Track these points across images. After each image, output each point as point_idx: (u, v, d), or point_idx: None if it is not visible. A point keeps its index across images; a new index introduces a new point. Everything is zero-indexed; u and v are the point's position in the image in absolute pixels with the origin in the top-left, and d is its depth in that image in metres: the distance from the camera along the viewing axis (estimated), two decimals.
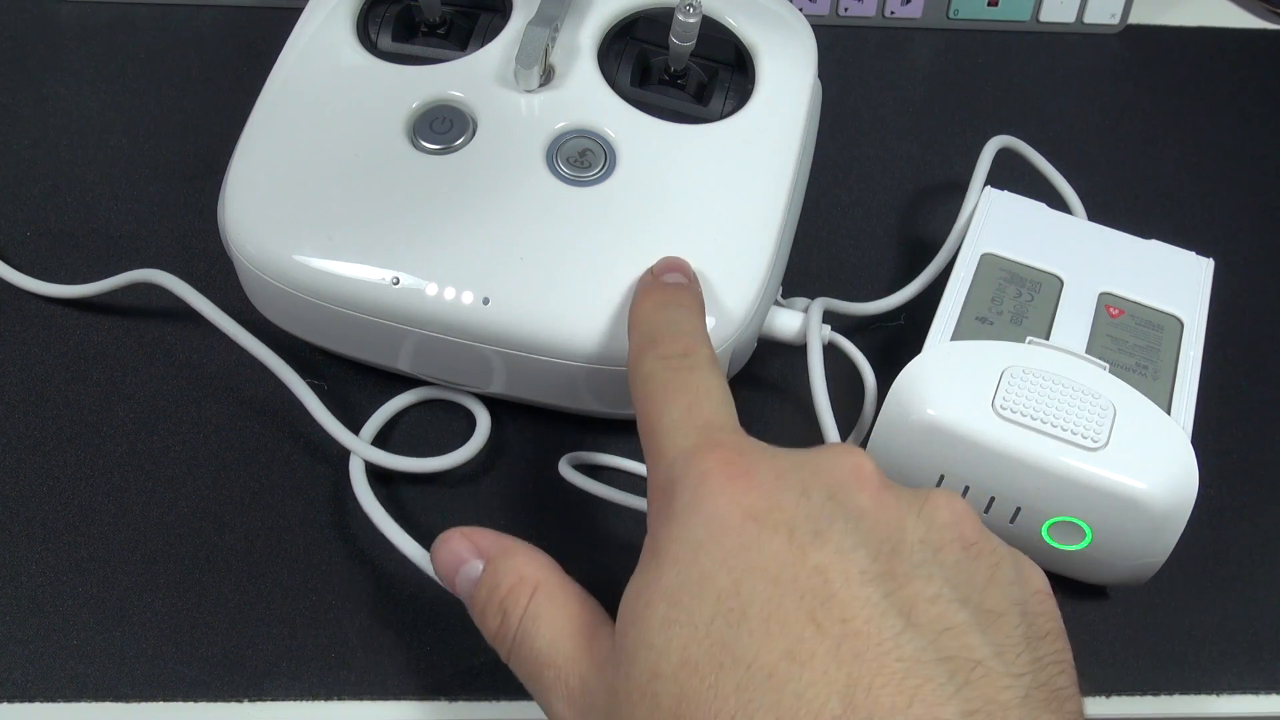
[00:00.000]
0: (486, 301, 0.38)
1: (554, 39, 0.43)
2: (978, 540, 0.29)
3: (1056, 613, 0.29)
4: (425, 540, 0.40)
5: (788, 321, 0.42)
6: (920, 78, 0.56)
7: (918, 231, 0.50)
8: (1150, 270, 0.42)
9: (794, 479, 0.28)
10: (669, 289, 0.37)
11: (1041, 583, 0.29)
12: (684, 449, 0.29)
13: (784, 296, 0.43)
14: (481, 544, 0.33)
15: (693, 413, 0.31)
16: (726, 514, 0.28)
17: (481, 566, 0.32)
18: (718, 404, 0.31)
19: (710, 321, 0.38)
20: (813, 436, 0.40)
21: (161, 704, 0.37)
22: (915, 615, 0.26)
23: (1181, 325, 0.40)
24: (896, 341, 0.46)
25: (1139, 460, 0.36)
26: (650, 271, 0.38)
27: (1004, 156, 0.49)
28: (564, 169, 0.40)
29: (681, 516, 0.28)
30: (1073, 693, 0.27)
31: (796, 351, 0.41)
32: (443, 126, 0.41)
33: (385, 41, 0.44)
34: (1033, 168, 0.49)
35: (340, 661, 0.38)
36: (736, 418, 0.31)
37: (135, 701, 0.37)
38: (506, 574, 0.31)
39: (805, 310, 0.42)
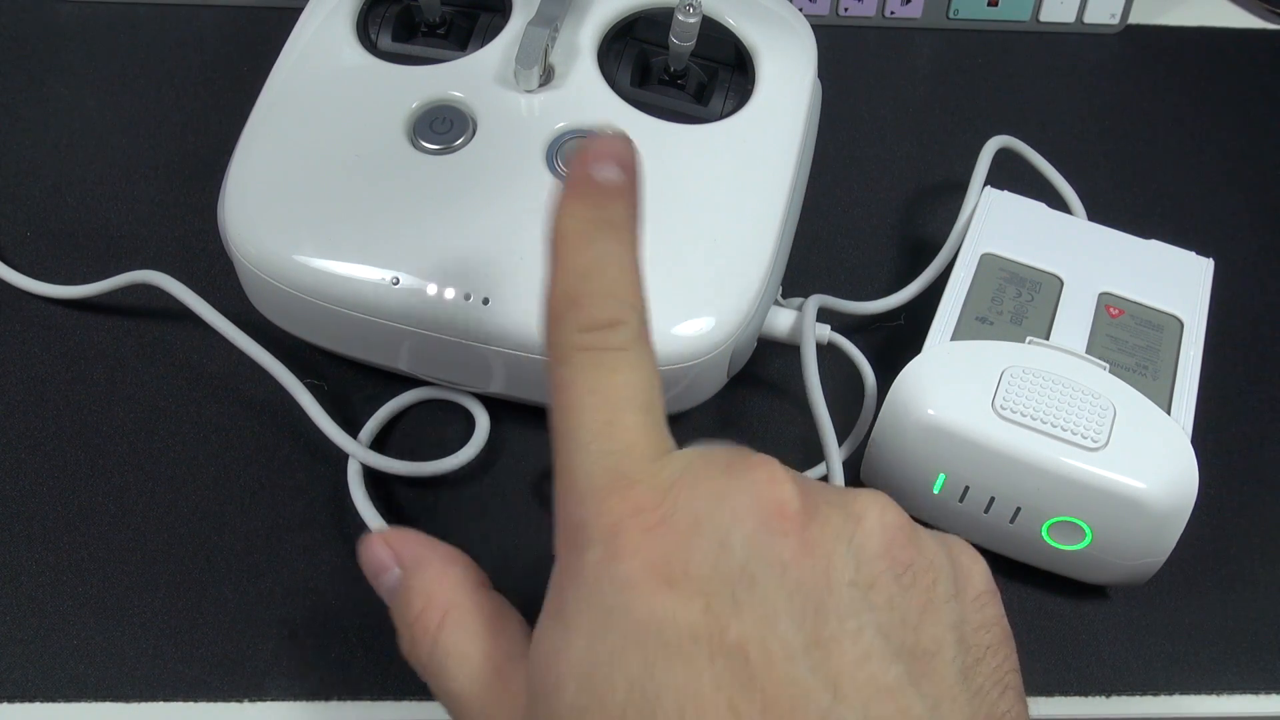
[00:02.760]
0: (486, 301, 0.38)
1: (554, 39, 0.43)
2: (911, 561, 0.26)
3: (998, 614, 0.27)
4: None
5: (786, 320, 0.42)
6: (920, 78, 0.56)
7: (918, 231, 0.50)
8: (1150, 270, 0.42)
9: (712, 526, 0.25)
10: (599, 198, 0.28)
11: (982, 581, 0.27)
12: (596, 487, 0.26)
13: (784, 296, 0.43)
14: (399, 550, 0.30)
15: (612, 432, 0.26)
16: (638, 579, 0.24)
17: (398, 575, 0.30)
18: (642, 416, 0.27)
19: (710, 322, 0.38)
20: (811, 435, 0.40)
21: (161, 704, 0.37)
22: (844, 685, 0.24)
23: (1181, 325, 0.40)
24: (896, 341, 0.46)
25: (1139, 460, 0.36)
26: (583, 151, 0.28)
27: (1004, 156, 0.49)
28: (564, 169, 0.40)
29: (591, 576, 0.25)
30: (1017, 710, 0.26)
31: (797, 351, 0.41)
32: (443, 126, 0.41)
33: (385, 41, 0.44)
34: (1033, 168, 0.49)
35: (340, 661, 0.38)
36: (664, 424, 0.27)
37: (135, 701, 0.37)
38: (416, 593, 0.29)
39: (799, 309, 0.42)
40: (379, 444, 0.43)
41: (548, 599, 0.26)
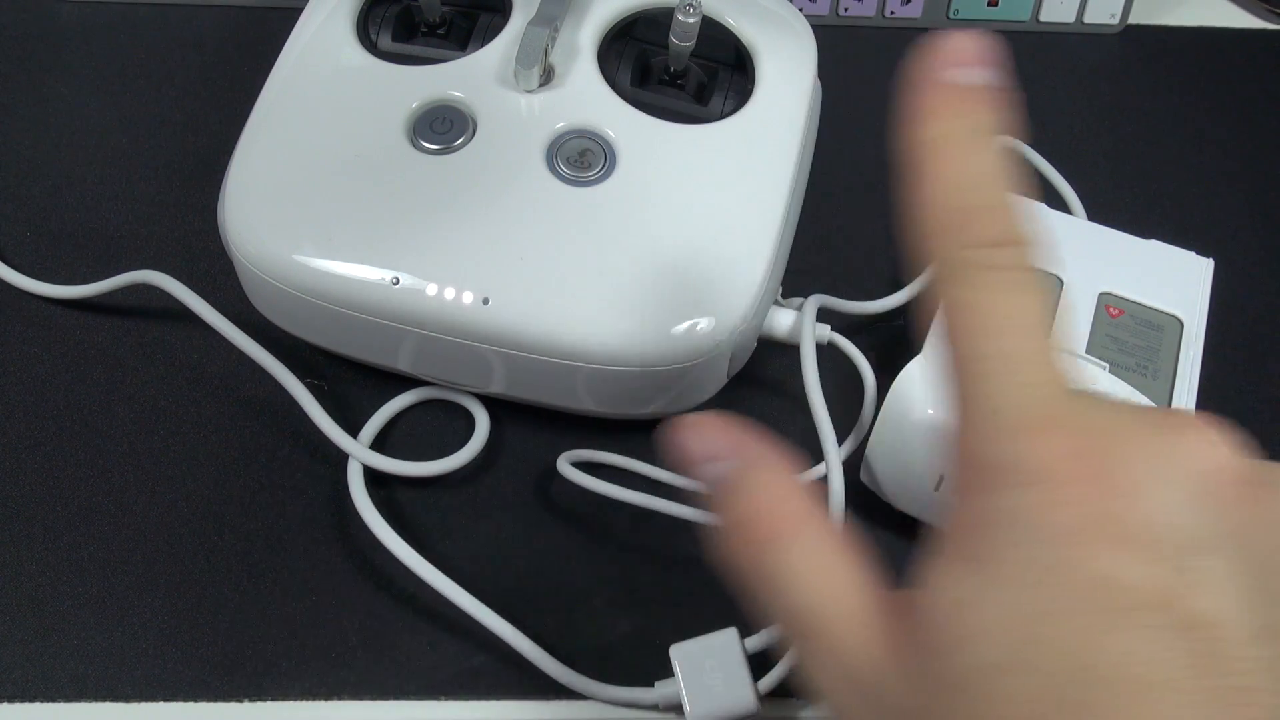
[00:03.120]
0: (486, 301, 0.38)
1: (554, 39, 0.43)
2: None
3: None
4: (424, 544, 0.41)
5: (786, 320, 0.42)
6: None
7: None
8: (1150, 270, 0.42)
9: (1161, 485, 0.22)
10: (970, 104, 0.26)
11: None
12: (1022, 423, 0.23)
13: (784, 296, 0.43)
14: (739, 442, 0.26)
15: (1033, 361, 0.23)
16: (1085, 531, 0.21)
17: (731, 469, 0.26)
18: (1053, 346, 0.24)
19: (710, 322, 0.38)
20: (811, 435, 0.40)
21: (161, 704, 0.37)
22: None
23: (1181, 325, 0.40)
24: (896, 341, 0.46)
25: None
26: (943, 52, 0.26)
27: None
28: (564, 169, 0.40)
29: (1021, 523, 0.22)
30: None
31: (797, 351, 0.41)
32: (443, 126, 0.41)
33: (385, 41, 0.44)
34: (1033, 168, 0.49)
35: (340, 661, 0.38)
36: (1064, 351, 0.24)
37: (135, 701, 0.37)
38: (757, 492, 0.25)
39: (799, 309, 0.42)
40: (379, 444, 0.43)
41: (950, 542, 0.23)
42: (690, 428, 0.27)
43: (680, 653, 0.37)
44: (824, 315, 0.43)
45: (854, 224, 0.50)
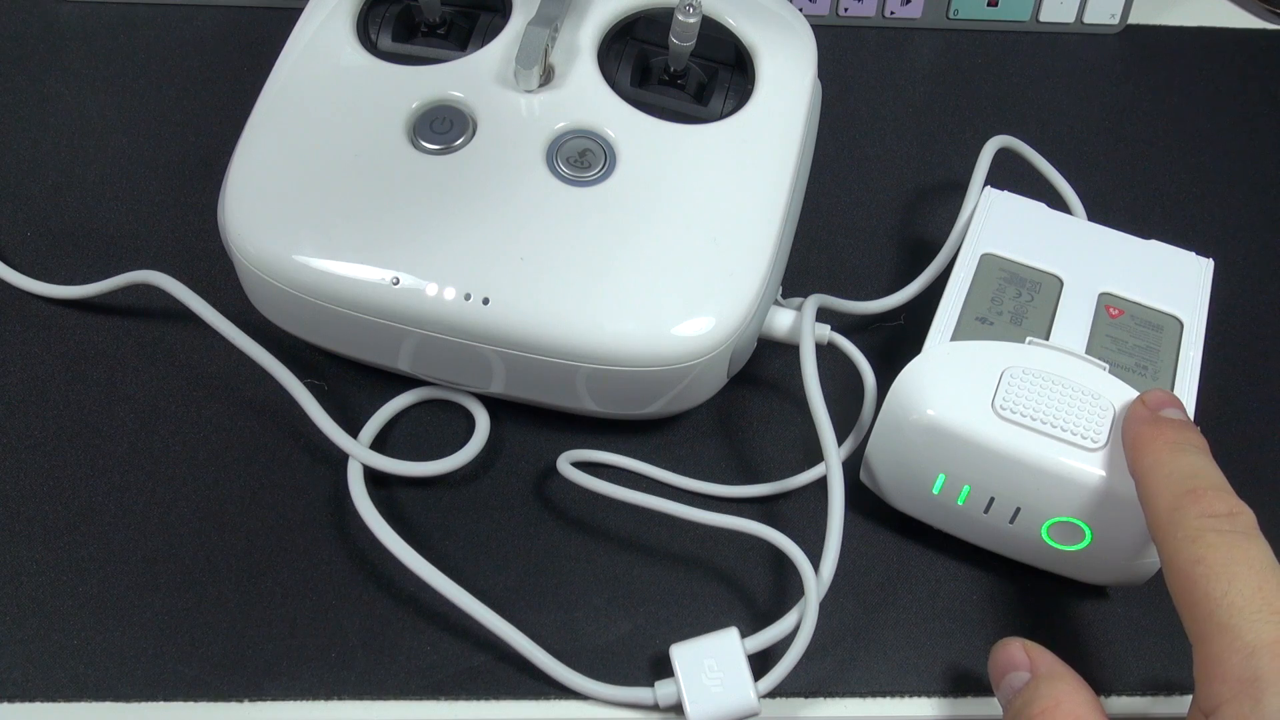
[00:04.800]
0: (486, 301, 0.38)
1: (554, 39, 0.43)
2: None
3: None
4: (424, 544, 0.41)
5: (786, 320, 0.42)
6: (920, 78, 0.56)
7: (918, 231, 0.50)
8: (1150, 270, 0.42)
9: None
10: (1178, 427, 0.35)
11: None
12: (1268, 640, 0.29)
13: (784, 296, 0.43)
14: (1036, 660, 0.34)
15: (1264, 592, 0.30)
16: None
17: (1026, 679, 0.34)
18: None
19: (710, 322, 0.38)
20: (811, 435, 0.40)
21: (161, 704, 0.37)
22: None
23: (1181, 325, 0.40)
24: (896, 341, 0.46)
25: None
26: (1141, 403, 0.36)
27: (1004, 156, 0.49)
28: (564, 169, 0.40)
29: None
30: None
31: (797, 351, 0.41)
32: (443, 126, 0.41)
33: (385, 41, 0.44)
34: (1033, 168, 0.49)
35: (340, 661, 0.38)
36: None
37: (135, 701, 0.37)
38: (1044, 696, 0.32)
39: (799, 309, 0.42)
40: (379, 444, 0.43)
41: None
42: (995, 650, 0.35)
43: (680, 653, 0.37)
44: (824, 315, 0.43)
45: (854, 224, 0.50)
